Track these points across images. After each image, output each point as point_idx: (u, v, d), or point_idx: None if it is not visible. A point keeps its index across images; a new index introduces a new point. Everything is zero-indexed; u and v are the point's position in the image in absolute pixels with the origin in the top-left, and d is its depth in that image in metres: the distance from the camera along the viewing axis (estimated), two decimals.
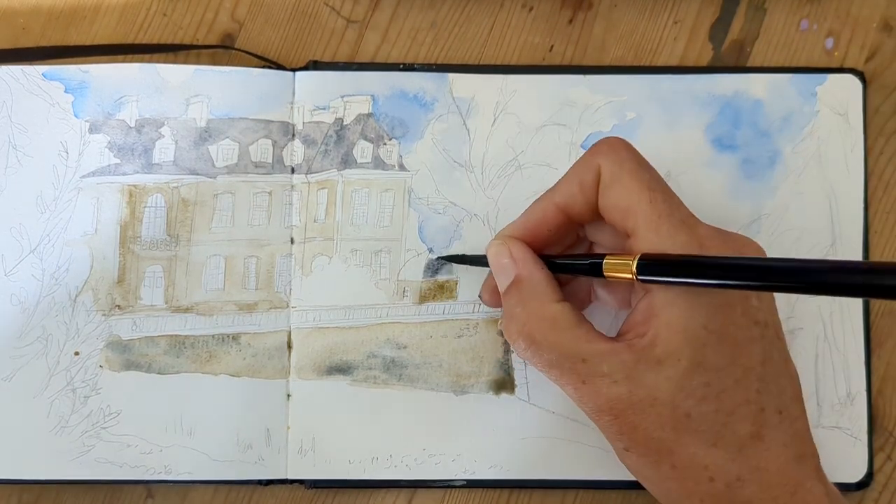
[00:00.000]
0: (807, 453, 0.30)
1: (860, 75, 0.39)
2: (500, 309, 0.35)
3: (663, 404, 0.28)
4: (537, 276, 0.32)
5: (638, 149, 0.32)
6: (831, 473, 0.38)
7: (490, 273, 0.35)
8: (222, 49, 0.40)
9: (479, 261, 0.36)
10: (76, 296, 0.38)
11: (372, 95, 0.39)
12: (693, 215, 0.31)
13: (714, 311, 0.28)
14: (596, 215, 0.32)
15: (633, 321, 0.30)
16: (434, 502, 0.39)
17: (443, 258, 0.38)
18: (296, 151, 0.39)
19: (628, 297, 0.34)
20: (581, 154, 0.38)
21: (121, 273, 0.38)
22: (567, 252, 0.35)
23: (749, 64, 0.40)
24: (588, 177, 0.31)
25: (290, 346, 0.38)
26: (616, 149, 0.31)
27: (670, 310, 0.29)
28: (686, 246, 0.29)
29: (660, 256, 0.29)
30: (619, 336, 0.31)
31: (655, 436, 0.29)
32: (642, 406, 0.29)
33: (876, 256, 0.39)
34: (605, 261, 0.30)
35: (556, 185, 0.33)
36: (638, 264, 0.29)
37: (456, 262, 0.38)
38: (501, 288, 0.33)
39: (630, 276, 0.29)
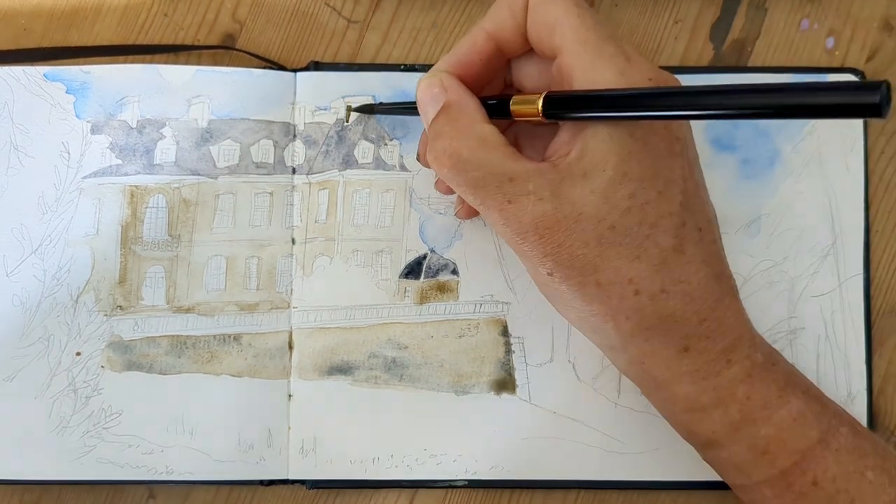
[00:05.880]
0: (724, 273, 0.31)
1: (861, 75, 0.39)
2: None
3: (588, 219, 0.28)
4: (465, 99, 0.32)
5: None
6: None
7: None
8: (223, 50, 0.40)
9: (403, 109, 0.36)
10: (78, 296, 0.38)
11: (373, 96, 0.39)
12: (618, 37, 0.30)
13: (637, 121, 0.29)
14: (525, 44, 0.32)
15: (559, 143, 0.30)
16: (435, 502, 0.39)
17: (356, 109, 0.38)
18: (297, 152, 0.39)
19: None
20: None
21: (122, 273, 0.38)
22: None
23: (750, 63, 0.40)
24: (517, 0, 0.31)
25: (291, 347, 0.38)
26: None
27: (595, 122, 0.29)
28: (614, 56, 0.29)
29: (565, 93, 0.29)
30: (544, 160, 0.30)
31: (580, 253, 0.29)
32: (567, 223, 0.29)
33: (877, 256, 0.39)
34: (512, 99, 0.30)
35: (486, 14, 0.33)
36: (544, 100, 0.29)
37: (373, 112, 0.38)
38: (429, 119, 0.32)
39: (536, 113, 0.29)
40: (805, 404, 0.31)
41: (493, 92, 0.35)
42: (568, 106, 0.29)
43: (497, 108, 0.31)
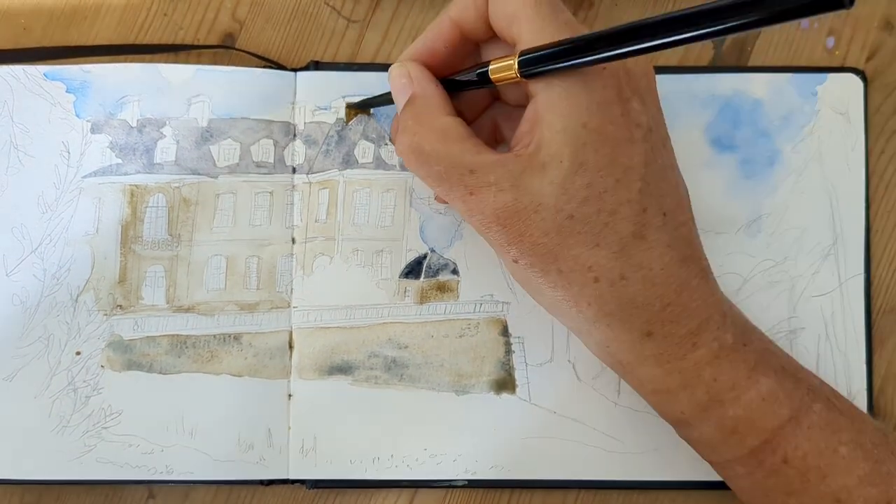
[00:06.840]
0: (693, 256, 0.31)
1: (861, 74, 0.39)
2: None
3: (547, 209, 0.29)
4: (430, 91, 0.32)
5: None
6: None
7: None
8: (223, 49, 0.40)
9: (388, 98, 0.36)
10: (77, 296, 0.38)
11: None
12: (575, 20, 0.31)
13: (593, 110, 0.29)
14: (489, 30, 0.32)
15: (520, 133, 0.31)
16: (435, 502, 0.39)
17: (353, 105, 0.39)
18: (297, 151, 0.39)
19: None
20: None
21: (122, 273, 0.38)
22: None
23: (750, 63, 0.40)
24: None
25: (291, 346, 0.38)
26: None
27: (551, 112, 0.29)
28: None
29: (537, 48, 0.29)
30: (509, 150, 0.31)
31: (541, 242, 0.29)
32: (528, 213, 0.29)
33: (877, 256, 0.39)
34: (490, 65, 0.31)
35: (452, 1, 0.33)
36: (519, 61, 0.29)
37: (368, 106, 0.39)
38: (399, 108, 0.33)
39: (514, 74, 0.29)
40: (776, 383, 0.31)
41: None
42: (540, 59, 0.29)
43: (479, 78, 0.32)
